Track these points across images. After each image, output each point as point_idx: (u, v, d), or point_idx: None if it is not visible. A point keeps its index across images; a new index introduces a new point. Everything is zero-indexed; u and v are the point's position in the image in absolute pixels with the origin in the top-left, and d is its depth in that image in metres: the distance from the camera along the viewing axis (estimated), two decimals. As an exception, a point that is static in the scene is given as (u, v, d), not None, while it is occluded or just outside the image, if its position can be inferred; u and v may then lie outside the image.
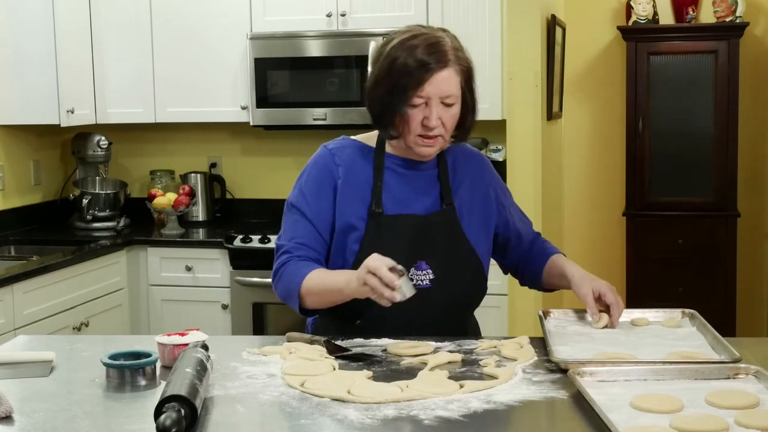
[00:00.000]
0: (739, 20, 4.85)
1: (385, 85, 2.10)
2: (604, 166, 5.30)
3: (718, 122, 4.88)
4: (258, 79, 4.39)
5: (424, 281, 2.15)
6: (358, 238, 2.16)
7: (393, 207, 2.18)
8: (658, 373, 1.77)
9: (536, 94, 4.05)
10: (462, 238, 2.20)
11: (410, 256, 2.15)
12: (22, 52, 4.22)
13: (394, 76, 2.08)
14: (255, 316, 4.23)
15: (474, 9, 4.18)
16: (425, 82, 2.06)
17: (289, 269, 2.16)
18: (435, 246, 2.17)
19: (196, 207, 4.78)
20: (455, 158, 2.26)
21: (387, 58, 2.10)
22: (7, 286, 3.48)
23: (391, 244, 2.14)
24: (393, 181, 2.20)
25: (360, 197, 2.19)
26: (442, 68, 2.06)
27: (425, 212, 2.19)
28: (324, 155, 2.24)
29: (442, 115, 2.09)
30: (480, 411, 1.65)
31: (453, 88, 2.09)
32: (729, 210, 4.91)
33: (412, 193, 2.20)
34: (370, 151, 2.23)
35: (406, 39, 2.10)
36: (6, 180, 4.45)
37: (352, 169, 2.21)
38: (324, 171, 2.22)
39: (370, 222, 2.17)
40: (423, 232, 2.17)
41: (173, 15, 4.52)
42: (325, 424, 1.60)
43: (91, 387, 1.84)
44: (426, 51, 2.06)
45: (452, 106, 2.10)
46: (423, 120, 2.09)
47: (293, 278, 2.14)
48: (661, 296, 4.81)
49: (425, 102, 2.08)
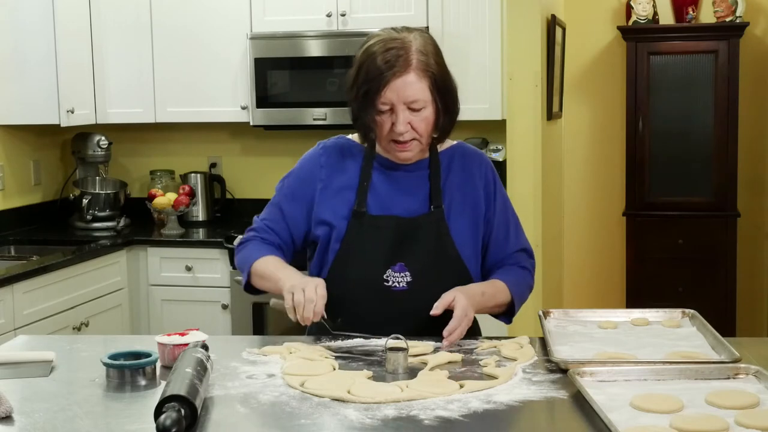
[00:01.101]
0: (739, 20, 4.85)
1: (354, 91, 2.13)
2: (604, 166, 5.30)
3: (718, 122, 4.87)
4: (258, 79, 4.39)
5: (400, 284, 2.15)
6: (339, 237, 2.18)
7: (377, 207, 2.19)
8: (658, 373, 1.77)
9: (536, 94, 4.05)
10: (447, 241, 2.18)
11: (389, 258, 2.15)
12: (22, 52, 4.22)
13: (359, 83, 2.11)
14: (255, 316, 4.23)
15: (474, 9, 4.18)
16: (385, 89, 2.06)
17: (251, 246, 2.27)
18: (416, 248, 2.16)
19: (196, 207, 4.78)
20: (451, 158, 2.24)
21: (355, 63, 2.14)
22: (7, 286, 3.48)
23: (371, 244, 2.16)
24: (380, 182, 2.21)
25: (345, 196, 2.20)
26: (402, 74, 2.06)
27: (411, 214, 2.18)
28: (313, 155, 2.28)
29: (412, 120, 2.09)
30: (480, 411, 1.65)
31: (417, 93, 2.07)
32: (729, 210, 4.91)
33: (399, 194, 2.20)
34: (361, 150, 2.24)
35: (371, 45, 2.11)
36: (6, 180, 4.45)
37: (339, 170, 2.22)
38: (306, 174, 2.26)
39: (353, 221, 2.18)
40: (405, 233, 2.16)
41: (173, 15, 4.52)
42: (325, 424, 1.60)
43: (91, 387, 1.84)
44: (386, 56, 2.06)
45: (421, 111, 2.09)
46: (392, 126, 2.10)
47: (250, 254, 2.25)
48: (661, 296, 4.81)
49: (390, 108, 2.09)
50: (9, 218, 4.44)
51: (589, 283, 5.35)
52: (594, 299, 5.27)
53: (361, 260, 2.16)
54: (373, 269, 2.15)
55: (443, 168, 2.22)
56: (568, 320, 2.25)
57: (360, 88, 2.10)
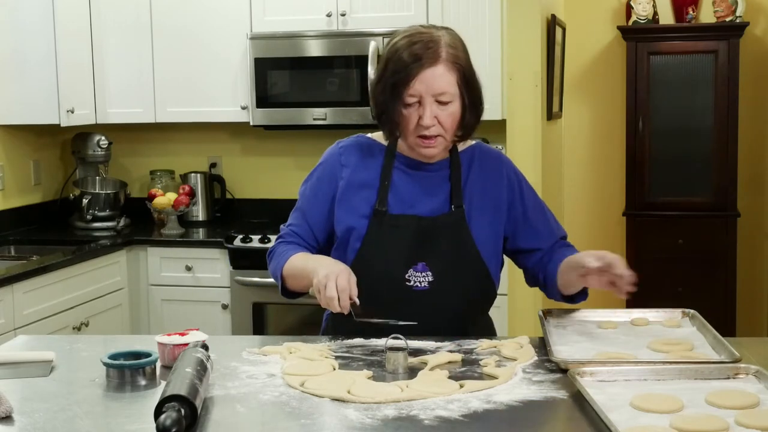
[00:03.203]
0: (739, 20, 4.85)
1: (381, 86, 2.12)
2: (604, 166, 5.30)
3: (718, 122, 4.87)
4: (258, 79, 4.39)
5: (422, 283, 2.15)
6: (360, 236, 2.17)
7: (398, 207, 2.18)
8: (658, 373, 1.77)
9: (536, 94, 4.05)
10: (468, 241, 2.17)
11: (410, 257, 2.15)
12: (22, 52, 4.22)
13: (386, 76, 2.10)
14: (255, 316, 4.23)
15: (474, 9, 4.18)
16: (414, 79, 2.05)
17: (278, 251, 2.26)
18: (437, 248, 2.16)
19: (196, 207, 4.78)
20: (471, 158, 2.23)
21: (382, 58, 2.14)
22: (7, 286, 3.48)
23: (392, 243, 2.15)
24: (401, 181, 2.20)
25: (366, 196, 2.19)
26: (431, 65, 2.06)
27: (431, 214, 2.17)
28: (332, 155, 2.28)
29: (438, 114, 2.08)
30: (480, 411, 1.65)
31: (446, 85, 2.07)
32: (729, 210, 4.91)
33: (420, 193, 2.19)
34: (382, 149, 2.23)
35: (399, 39, 2.11)
36: (6, 180, 4.45)
37: (360, 168, 2.22)
38: (328, 172, 2.25)
39: (373, 221, 2.17)
40: (426, 233, 2.16)
41: (173, 15, 4.52)
42: (325, 424, 1.60)
43: (91, 387, 1.84)
44: (414, 49, 2.07)
45: (448, 105, 2.09)
46: (418, 120, 2.09)
47: (279, 260, 2.23)
48: (661, 296, 4.79)
49: (418, 101, 2.08)
50: (9, 218, 4.44)
51: (589, 283, 5.34)
52: (594, 299, 5.24)
53: (382, 260, 2.15)
54: (395, 269, 2.15)
55: (464, 168, 2.21)
56: (568, 320, 2.25)
57: (387, 81, 2.09)
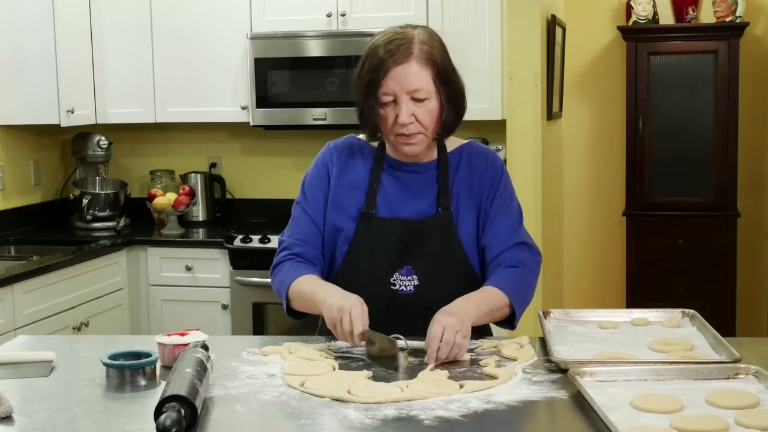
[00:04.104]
0: (739, 20, 4.85)
1: (358, 86, 2.12)
2: (604, 166, 5.30)
3: (718, 122, 4.87)
4: (258, 79, 4.39)
5: (407, 287, 2.14)
6: (348, 239, 2.17)
7: (386, 209, 2.17)
8: (658, 373, 1.77)
9: (536, 94, 4.05)
10: (455, 244, 2.16)
11: (396, 261, 2.14)
12: (22, 52, 4.22)
13: (362, 77, 2.10)
14: (255, 316, 4.23)
15: (474, 9, 4.18)
16: (386, 77, 2.05)
17: (285, 269, 2.19)
18: (424, 251, 2.14)
19: (196, 207, 4.78)
20: (460, 158, 2.22)
21: (360, 61, 2.13)
22: (7, 286, 3.48)
23: (378, 247, 2.14)
24: (389, 183, 2.19)
25: (354, 197, 2.19)
26: (403, 62, 2.05)
27: (418, 216, 2.16)
28: (324, 155, 2.27)
29: (416, 112, 2.07)
30: (480, 411, 1.65)
31: (419, 82, 2.06)
32: (729, 210, 4.91)
33: (407, 196, 2.18)
34: (372, 150, 2.23)
35: (376, 39, 2.12)
36: (6, 180, 4.45)
37: (350, 168, 2.21)
38: (321, 169, 2.24)
39: (361, 223, 2.16)
40: (413, 236, 2.15)
41: (173, 15, 4.52)
42: (325, 424, 1.60)
43: (91, 387, 1.84)
44: (388, 47, 2.07)
45: (425, 102, 2.08)
46: (396, 118, 2.08)
47: (285, 279, 2.16)
48: (661, 296, 4.81)
49: (394, 99, 2.07)
50: (9, 218, 4.44)
51: (589, 283, 5.35)
52: (594, 299, 5.27)
53: (368, 263, 2.14)
54: (380, 273, 2.14)
55: (452, 168, 2.20)
56: (568, 320, 2.25)
57: (363, 80, 2.09)
